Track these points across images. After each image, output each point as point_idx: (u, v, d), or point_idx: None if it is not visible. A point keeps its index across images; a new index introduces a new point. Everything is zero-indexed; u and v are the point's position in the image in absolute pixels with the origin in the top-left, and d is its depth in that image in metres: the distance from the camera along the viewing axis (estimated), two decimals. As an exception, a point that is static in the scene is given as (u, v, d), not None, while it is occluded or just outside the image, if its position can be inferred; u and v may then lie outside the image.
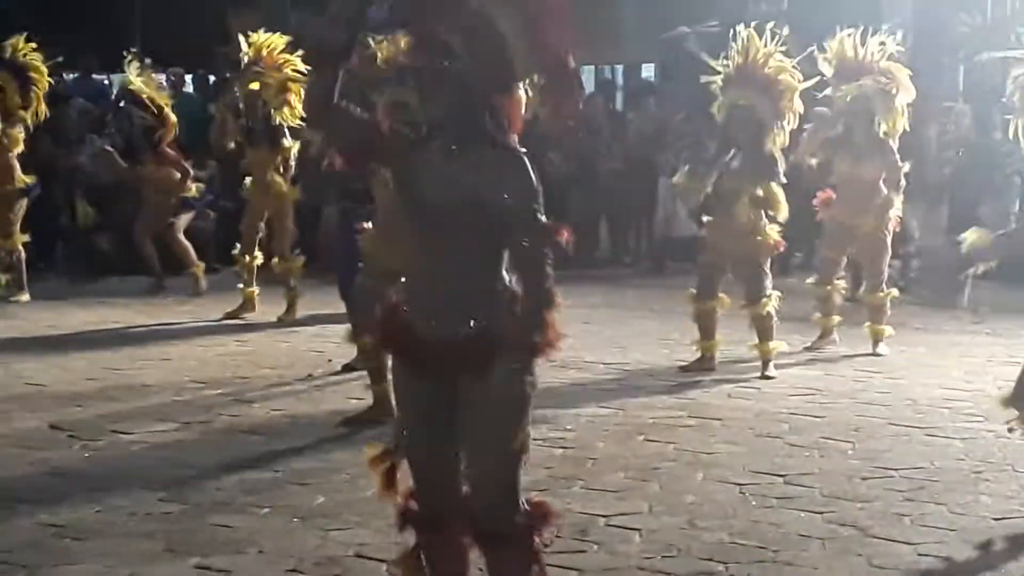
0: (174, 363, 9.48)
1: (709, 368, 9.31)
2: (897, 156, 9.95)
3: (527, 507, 4.17)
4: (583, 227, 16.56)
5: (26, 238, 12.45)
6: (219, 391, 8.62)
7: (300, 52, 10.41)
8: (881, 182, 9.94)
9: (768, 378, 9.10)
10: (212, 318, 11.46)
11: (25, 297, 12.38)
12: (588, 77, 24.42)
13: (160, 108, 12.63)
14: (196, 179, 13.16)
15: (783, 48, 9.19)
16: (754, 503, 6.21)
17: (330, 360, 9.32)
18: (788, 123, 9.18)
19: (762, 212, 9.14)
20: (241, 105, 11.35)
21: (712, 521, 5.92)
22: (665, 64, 18.65)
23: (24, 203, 12.52)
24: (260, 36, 11.01)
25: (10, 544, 5.62)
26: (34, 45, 12.28)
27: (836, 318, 10.26)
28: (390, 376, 4.64)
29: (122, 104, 13.29)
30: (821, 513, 6.04)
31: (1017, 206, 14.13)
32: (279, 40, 10.95)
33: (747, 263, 9.22)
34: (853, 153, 9.93)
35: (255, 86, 11.05)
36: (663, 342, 10.40)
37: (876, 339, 10.10)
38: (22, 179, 12.44)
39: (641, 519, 5.96)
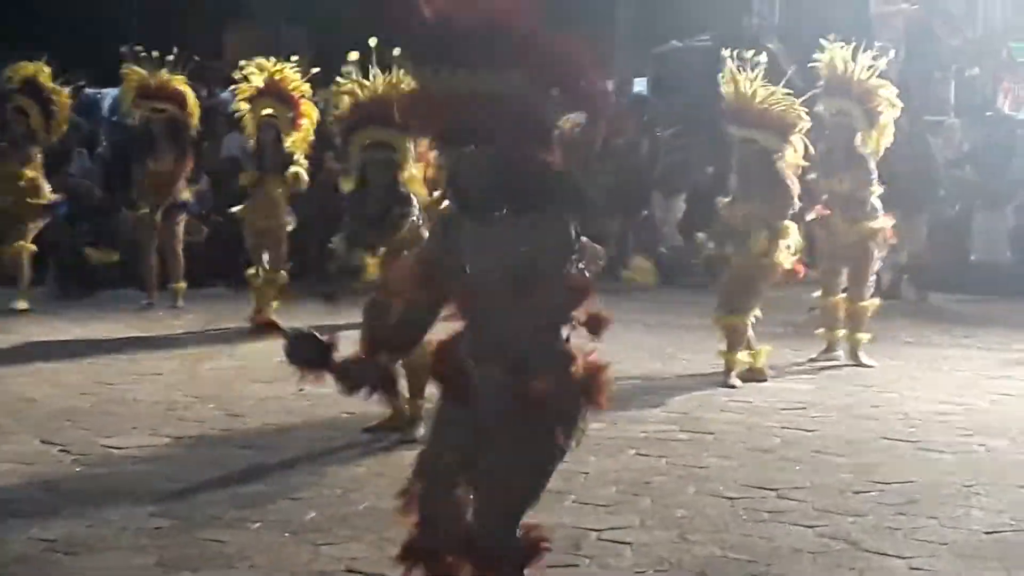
0: (166, 377, 9.47)
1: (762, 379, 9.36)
2: (873, 174, 9.97)
3: (522, 533, 4.18)
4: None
5: (33, 247, 12.53)
6: (211, 405, 8.61)
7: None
8: (867, 195, 9.94)
9: (731, 387, 9.13)
10: (202, 331, 11.50)
11: (23, 304, 12.38)
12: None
13: (183, 96, 12.34)
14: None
15: (765, 71, 9.18)
16: (746, 517, 6.22)
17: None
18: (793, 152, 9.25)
19: (777, 242, 9.17)
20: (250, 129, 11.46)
21: (704, 535, 5.93)
22: (657, 78, 18.67)
23: (43, 220, 12.61)
24: (267, 61, 11.21)
25: (2, 559, 5.61)
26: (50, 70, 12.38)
27: (840, 331, 10.22)
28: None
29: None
30: (813, 527, 6.05)
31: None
32: (288, 66, 11.17)
33: (746, 279, 9.24)
34: (833, 167, 9.92)
35: (268, 111, 11.21)
36: (655, 356, 10.40)
37: (854, 348, 10.11)
38: (48, 196, 12.54)
39: (633, 533, 5.96)
